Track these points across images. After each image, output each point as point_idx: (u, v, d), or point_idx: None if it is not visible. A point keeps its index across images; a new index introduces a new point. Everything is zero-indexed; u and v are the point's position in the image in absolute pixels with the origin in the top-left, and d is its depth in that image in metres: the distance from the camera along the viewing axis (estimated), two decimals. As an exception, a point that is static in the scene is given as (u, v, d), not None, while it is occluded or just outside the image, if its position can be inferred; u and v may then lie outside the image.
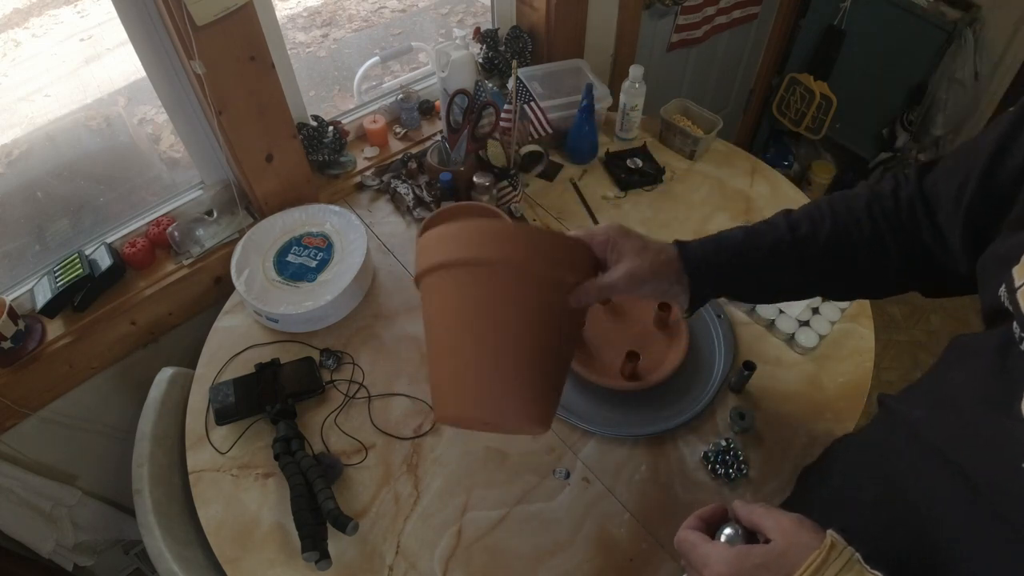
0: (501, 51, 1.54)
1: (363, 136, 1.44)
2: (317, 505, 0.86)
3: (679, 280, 0.67)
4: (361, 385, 1.04)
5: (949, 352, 0.55)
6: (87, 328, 1.12)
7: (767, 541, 0.49)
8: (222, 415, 0.98)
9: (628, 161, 1.39)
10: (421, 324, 1.12)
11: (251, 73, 1.06)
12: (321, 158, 1.33)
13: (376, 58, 1.48)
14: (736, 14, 1.97)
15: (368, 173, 1.36)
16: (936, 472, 0.48)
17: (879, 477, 0.54)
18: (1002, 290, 0.46)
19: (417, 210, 1.28)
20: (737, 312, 1.13)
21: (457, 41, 1.31)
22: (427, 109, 1.49)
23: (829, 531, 0.46)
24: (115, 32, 1.02)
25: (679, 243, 0.68)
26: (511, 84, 1.22)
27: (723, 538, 0.52)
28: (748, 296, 0.73)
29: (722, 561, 0.49)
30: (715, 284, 0.69)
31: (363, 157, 1.40)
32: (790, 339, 1.07)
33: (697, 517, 0.55)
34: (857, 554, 0.45)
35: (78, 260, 1.11)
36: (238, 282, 1.11)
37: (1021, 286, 0.44)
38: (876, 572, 0.44)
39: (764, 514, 0.50)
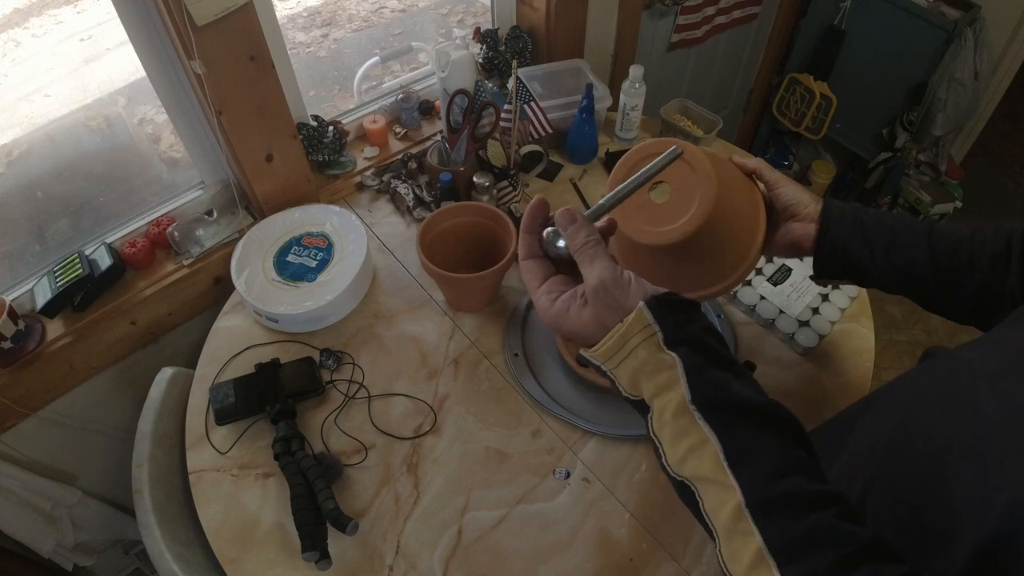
0: (501, 51, 1.54)
1: (363, 136, 1.44)
2: (317, 505, 0.86)
3: (817, 201, 0.72)
4: (361, 385, 1.04)
5: (1012, 316, 0.55)
6: (87, 328, 1.12)
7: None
8: (222, 415, 0.98)
9: (628, 161, 1.39)
10: (421, 324, 1.13)
11: (251, 73, 1.06)
12: (321, 158, 1.33)
13: (376, 58, 1.48)
14: (736, 14, 1.97)
15: (368, 173, 1.36)
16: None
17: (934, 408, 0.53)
18: None
19: (417, 210, 1.28)
20: (737, 312, 1.13)
21: (457, 41, 1.32)
22: (427, 109, 1.48)
23: (641, 304, 0.46)
24: (115, 32, 1.02)
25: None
26: (511, 84, 1.22)
27: (544, 235, 0.54)
28: (871, 258, 0.71)
29: (545, 313, 0.51)
30: (847, 230, 0.70)
31: (363, 157, 1.40)
32: (790, 339, 1.07)
33: (526, 232, 0.54)
34: (660, 334, 0.46)
35: (78, 260, 1.11)
36: (238, 282, 1.11)
37: None
38: (672, 353, 0.46)
39: (585, 260, 0.50)
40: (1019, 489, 0.40)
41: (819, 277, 0.76)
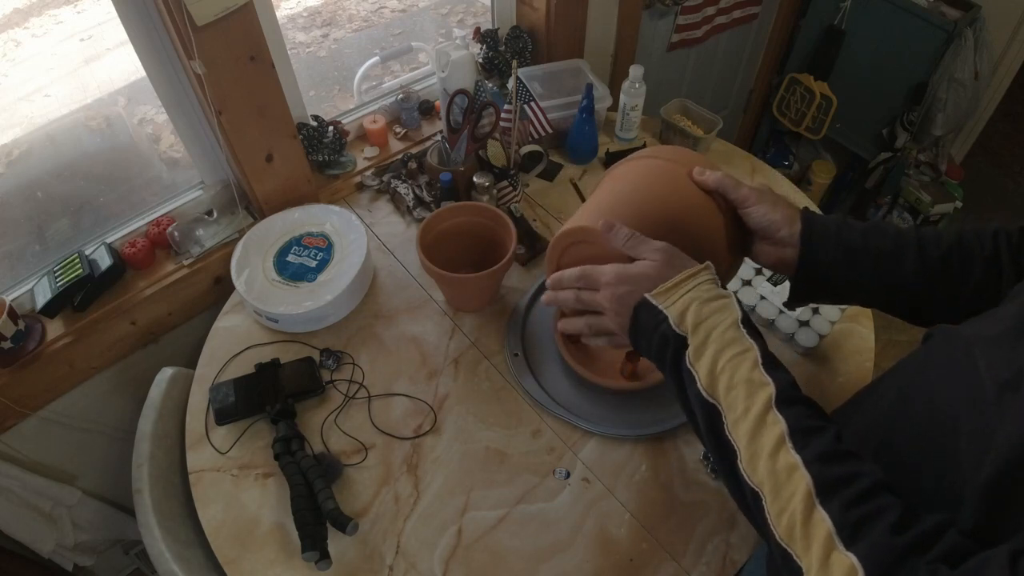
0: (501, 51, 1.54)
1: (363, 136, 1.44)
2: (317, 505, 0.86)
3: (793, 223, 0.70)
4: (361, 385, 1.04)
5: (1011, 293, 0.56)
6: (87, 328, 1.12)
7: None
8: (222, 415, 0.98)
9: (628, 161, 1.39)
10: (421, 324, 1.13)
11: (251, 73, 1.06)
12: (321, 158, 1.33)
13: (376, 58, 1.48)
14: (736, 14, 1.97)
15: (368, 173, 1.36)
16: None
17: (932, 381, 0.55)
18: None
19: (417, 210, 1.28)
20: (737, 312, 1.13)
21: (457, 41, 1.32)
22: (427, 109, 1.48)
23: (708, 262, 0.63)
24: (115, 32, 1.02)
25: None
26: (511, 84, 1.22)
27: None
28: (857, 281, 0.70)
29: (609, 271, 0.65)
30: (831, 254, 0.68)
31: (363, 157, 1.40)
32: (790, 339, 1.07)
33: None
34: (719, 281, 0.62)
35: (78, 260, 1.11)
36: (238, 282, 1.11)
37: None
38: (728, 290, 0.62)
39: (637, 244, 0.65)
40: (1016, 430, 0.42)
41: (796, 304, 0.74)
